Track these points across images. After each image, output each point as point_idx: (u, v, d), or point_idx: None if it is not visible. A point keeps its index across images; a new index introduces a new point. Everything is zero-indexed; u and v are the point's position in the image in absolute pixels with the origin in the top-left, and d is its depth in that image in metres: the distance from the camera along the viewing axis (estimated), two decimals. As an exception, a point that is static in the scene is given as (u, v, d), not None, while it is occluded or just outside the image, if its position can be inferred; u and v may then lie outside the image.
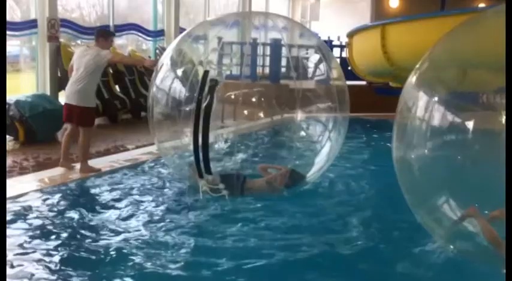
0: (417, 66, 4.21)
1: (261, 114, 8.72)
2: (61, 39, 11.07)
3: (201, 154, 5.53)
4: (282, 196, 5.87)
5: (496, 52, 3.65)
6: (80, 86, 6.67)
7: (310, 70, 11.36)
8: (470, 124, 3.82)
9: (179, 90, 5.92)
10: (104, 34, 6.99)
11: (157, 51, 14.26)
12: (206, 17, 16.78)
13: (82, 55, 6.75)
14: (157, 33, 14.51)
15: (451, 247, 4.21)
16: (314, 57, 7.64)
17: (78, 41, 12.65)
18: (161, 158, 7.52)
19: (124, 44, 13.83)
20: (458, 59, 4.17)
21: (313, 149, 6.69)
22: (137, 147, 8.72)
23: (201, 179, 5.67)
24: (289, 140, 7.41)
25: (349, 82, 7.26)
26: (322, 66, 6.92)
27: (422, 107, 4.07)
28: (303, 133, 7.40)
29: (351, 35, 13.02)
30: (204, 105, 5.44)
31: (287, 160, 6.59)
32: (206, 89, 5.47)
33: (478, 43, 3.99)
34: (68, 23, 11.57)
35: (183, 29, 15.01)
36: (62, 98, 10.86)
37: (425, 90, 4.11)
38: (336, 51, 15.79)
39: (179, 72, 6.11)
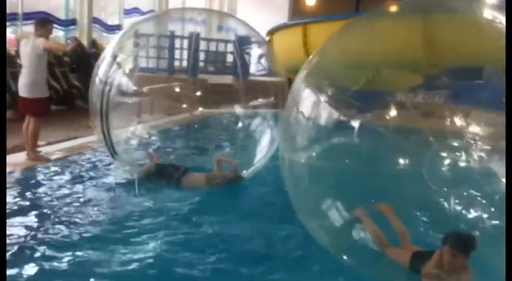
0: (306, 62, 4.09)
1: (180, 109, 8.46)
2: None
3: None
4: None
5: (384, 51, 3.65)
6: (29, 78, 6.77)
7: (229, 64, 11.28)
8: (357, 123, 3.75)
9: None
10: (41, 23, 7.06)
11: (68, 41, 13.49)
12: (120, 5, 16.12)
13: (24, 47, 6.86)
14: (69, 22, 13.74)
15: (345, 257, 3.84)
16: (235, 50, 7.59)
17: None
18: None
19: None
20: (347, 58, 4.11)
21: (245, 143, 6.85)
22: (48, 143, 8.09)
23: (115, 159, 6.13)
24: (217, 134, 7.54)
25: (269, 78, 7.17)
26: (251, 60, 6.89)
27: (310, 104, 3.97)
28: (232, 127, 7.53)
29: (271, 32, 12.95)
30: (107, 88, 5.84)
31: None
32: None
33: (365, 42, 3.97)
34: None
35: (96, 19, 14.36)
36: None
37: (314, 87, 4.00)
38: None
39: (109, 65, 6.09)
